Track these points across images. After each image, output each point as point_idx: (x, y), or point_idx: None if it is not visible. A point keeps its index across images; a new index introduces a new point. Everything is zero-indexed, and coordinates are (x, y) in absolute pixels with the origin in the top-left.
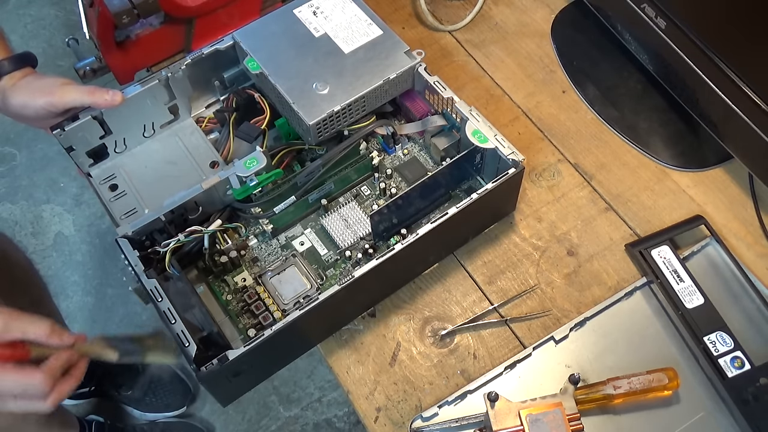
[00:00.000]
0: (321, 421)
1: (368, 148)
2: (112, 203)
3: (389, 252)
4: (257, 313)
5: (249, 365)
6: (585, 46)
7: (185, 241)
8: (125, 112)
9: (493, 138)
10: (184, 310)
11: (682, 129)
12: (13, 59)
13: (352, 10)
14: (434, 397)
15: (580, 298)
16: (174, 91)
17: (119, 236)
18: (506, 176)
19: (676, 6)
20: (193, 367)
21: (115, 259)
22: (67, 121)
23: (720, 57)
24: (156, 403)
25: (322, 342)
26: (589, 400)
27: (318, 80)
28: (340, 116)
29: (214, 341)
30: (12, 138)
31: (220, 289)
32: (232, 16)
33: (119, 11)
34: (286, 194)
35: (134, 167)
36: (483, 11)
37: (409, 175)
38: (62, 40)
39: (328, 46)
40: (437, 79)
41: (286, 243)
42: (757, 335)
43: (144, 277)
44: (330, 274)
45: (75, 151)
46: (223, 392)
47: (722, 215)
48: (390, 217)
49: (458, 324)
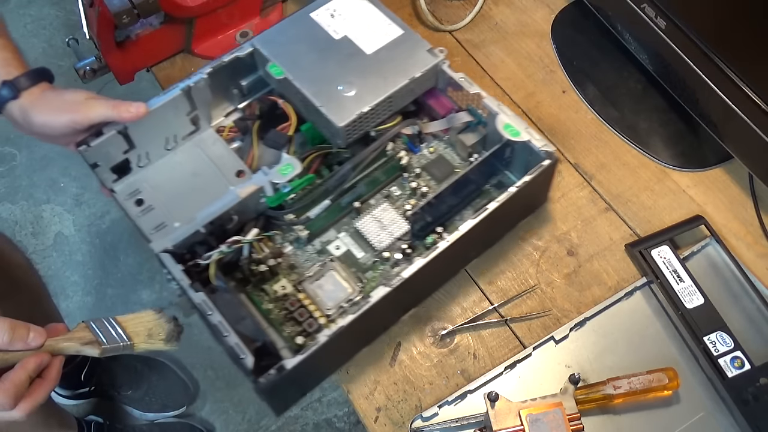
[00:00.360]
0: (321, 421)
1: (395, 149)
2: (139, 218)
3: (435, 250)
4: (301, 321)
5: (303, 374)
6: (585, 46)
7: (227, 252)
8: (148, 124)
9: (525, 131)
10: (235, 322)
11: (682, 129)
12: (30, 75)
13: (369, 11)
14: (434, 397)
15: (580, 298)
16: (195, 101)
17: (159, 251)
18: (541, 168)
19: (676, 6)
20: (252, 378)
21: (115, 260)
22: (92, 137)
23: (720, 57)
24: (156, 403)
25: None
26: (589, 400)
27: (343, 82)
28: (369, 117)
29: (266, 351)
30: (12, 138)
31: (259, 298)
32: (232, 16)
33: (119, 11)
34: (319, 199)
35: (159, 181)
36: (483, 11)
37: (437, 173)
38: (62, 40)
39: (350, 47)
40: (463, 75)
41: (322, 248)
42: (757, 335)
43: (191, 291)
44: (369, 277)
45: (99, 168)
46: (278, 402)
47: (722, 215)
48: (425, 216)
49: (458, 324)
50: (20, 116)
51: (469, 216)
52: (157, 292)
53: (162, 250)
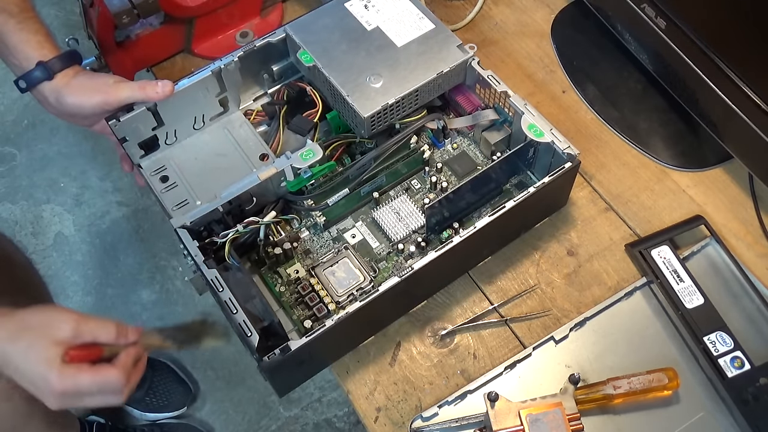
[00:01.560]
0: (321, 421)
1: (418, 142)
2: (163, 194)
3: (448, 244)
4: (311, 305)
5: (308, 356)
6: (585, 46)
7: (243, 232)
8: (177, 103)
9: (549, 132)
10: (244, 301)
11: (682, 129)
12: (62, 57)
13: (403, 4)
14: (434, 397)
15: (580, 298)
16: (225, 83)
17: (177, 227)
18: (563, 170)
19: (676, 6)
20: (256, 356)
21: (115, 259)
22: (122, 112)
23: (720, 57)
24: (156, 403)
25: (369, 339)
26: (589, 400)
27: (371, 73)
28: (394, 109)
29: (273, 332)
30: (12, 138)
31: (273, 280)
32: (232, 16)
33: (119, 11)
34: (338, 187)
35: (184, 159)
36: (483, 11)
37: (459, 169)
38: (62, 40)
39: (381, 39)
40: (491, 73)
41: (338, 235)
42: (757, 335)
43: (204, 267)
44: (382, 267)
45: (128, 142)
46: (281, 382)
47: (722, 215)
48: (442, 211)
49: (458, 324)
50: (52, 97)
51: (486, 214)
52: (157, 293)
53: (180, 226)
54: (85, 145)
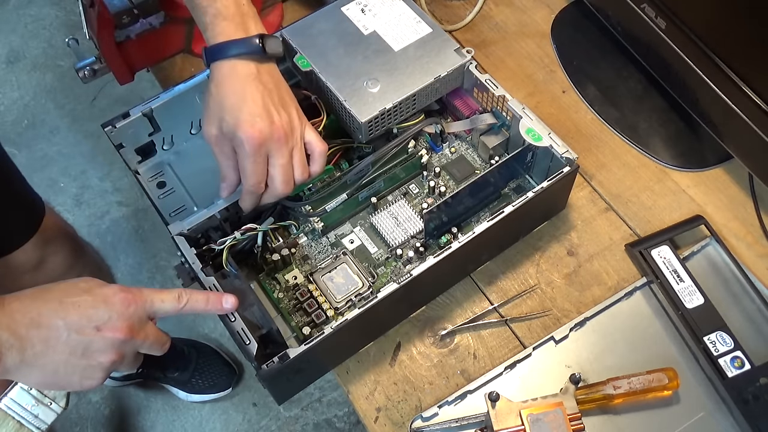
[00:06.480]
0: (321, 421)
1: (416, 147)
2: (160, 200)
3: (447, 249)
4: (310, 311)
5: (306, 364)
6: (585, 46)
7: (241, 239)
8: (174, 108)
9: (547, 136)
10: (243, 308)
11: (682, 129)
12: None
13: (400, 8)
14: (434, 397)
15: (580, 298)
16: None
17: (174, 234)
18: (561, 174)
19: (676, 6)
20: (254, 365)
21: (115, 260)
22: (119, 118)
23: (720, 57)
24: (202, 384)
25: (370, 343)
26: (589, 400)
27: (368, 78)
28: (391, 114)
29: (272, 339)
30: (12, 138)
31: (271, 287)
32: None
33: (119, 11)
34: (336, 192)
35: (181, 165)
36: (483, 11)
37: (457, 173)
38: (62, 40)
39: (378, 43)
40: (489, 77)
41: (336, 241)
42: (757, 335)
43: (202, 275)
44: (381, 272)
45: (124, 149)
46: (280, 390)
47: (722, 215)
48: (440, 216)
49: (458, 324)
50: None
51: (485, 218)
52: None
53: (177, 233)
54: (85, 145)
